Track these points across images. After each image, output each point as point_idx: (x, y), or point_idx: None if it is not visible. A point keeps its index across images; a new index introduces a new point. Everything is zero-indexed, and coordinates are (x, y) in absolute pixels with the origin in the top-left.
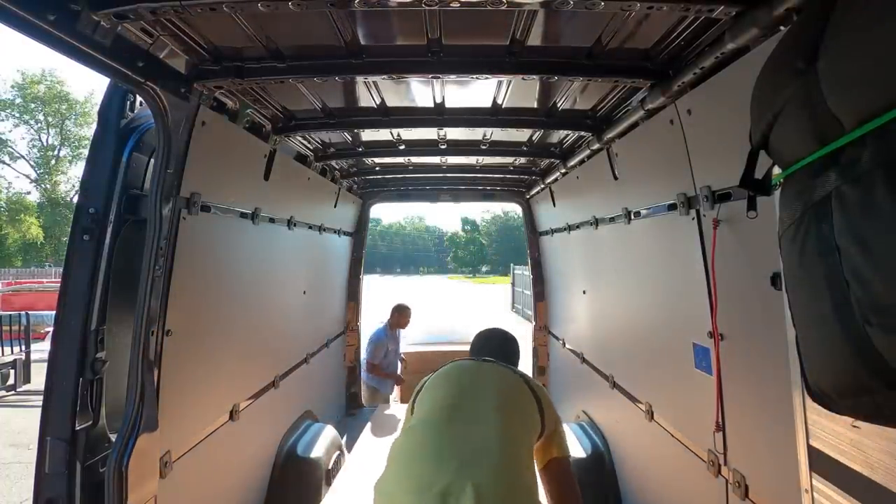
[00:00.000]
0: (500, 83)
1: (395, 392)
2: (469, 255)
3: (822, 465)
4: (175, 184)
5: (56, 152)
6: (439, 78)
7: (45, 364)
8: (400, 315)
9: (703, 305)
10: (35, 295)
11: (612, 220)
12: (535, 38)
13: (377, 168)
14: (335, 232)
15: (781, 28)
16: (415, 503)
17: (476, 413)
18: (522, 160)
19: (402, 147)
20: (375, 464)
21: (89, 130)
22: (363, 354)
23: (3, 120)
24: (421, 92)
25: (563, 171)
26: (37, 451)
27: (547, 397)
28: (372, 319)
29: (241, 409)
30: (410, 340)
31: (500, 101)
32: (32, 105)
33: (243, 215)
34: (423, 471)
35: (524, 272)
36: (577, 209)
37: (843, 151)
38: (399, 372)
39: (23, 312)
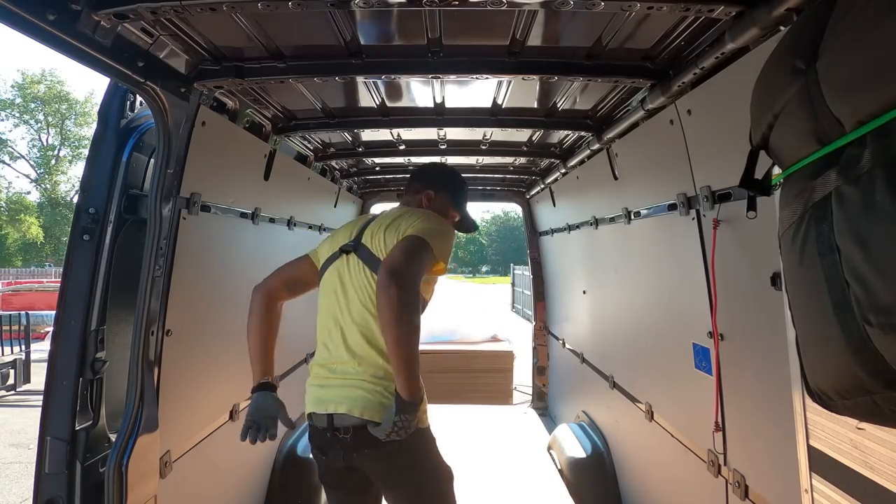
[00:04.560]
0: (500, 83)
1: None
2: (469, 255)
3: (822, 465)
4: (175, 184)
5: (56, 152)
6: (439, 78)
7: (45, 364)
8: None
9: (703, 305)
10: (35, 295)
11: (612, 220)
12: (535, 39)
13: (377, 168)
14: None
15: (781, 28)
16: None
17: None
18: (522, 160)
19: (402, 147)
20: None
21: (89, 130)
22: None
23: (3, 120)
24: (421, 92)
25: (563, 171)
26: (36, 451)
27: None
28: None
29: (241, 409)
30: None
31: (500, 102)
32: (32, 105)
33: (243, 215)
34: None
35: (524, 272)
36: (577, 209)
37: (843, 151)
38: None
39: (23, 312)
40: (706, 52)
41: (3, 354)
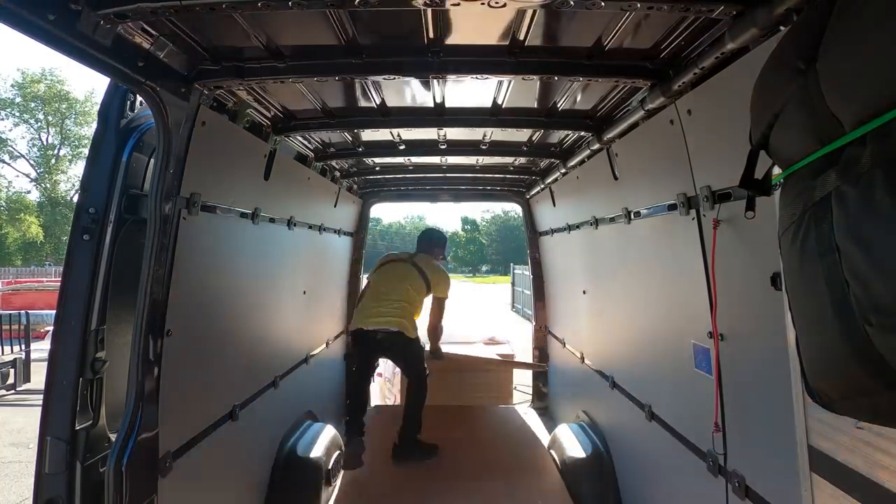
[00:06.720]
0: (500, 83)
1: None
2: (469, 255)
3: (822, 465)
4: (175, 184)
5: (56, 151)
6: (439, 78)
7: (45, 363)
8: None
9: (703, 305)
10: (35, 294)
11: (612, 220)
12: (535, 39)
13: (377, 168)
14: (335, 232)
15: (781, 28)
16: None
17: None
18: (522, 160)
19: (402, 147)
20: (375, 464)
21: (89, 129)
22: None
23: (3, 119)
24: (421, 92)
25: (563, 171)
26: (37, 451)
27: (434, 275)
28: None
29: (241, 409)
30: None
31: (500, 102)
32: (32, 104)
33: (243, 215)
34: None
35: (524, 272)
36: (577, 209)
37: (843, 151)
38: None
39: (23, 311)
40: (706, 52)
41: (2, 354)
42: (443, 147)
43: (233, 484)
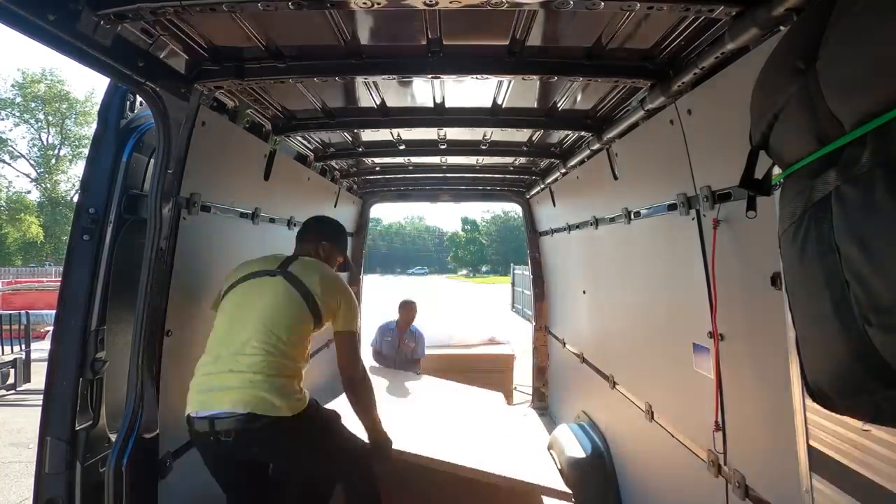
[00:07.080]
0: (500, 83)
1: None
2: (469, 255)
3: (822, 465)
4: (175, 184)
5: (56, 151)
6: (439, 78)
7: (45, 363)
8: (405, 310)
9: (703, 305)
10: (35, 294)
11: (612, 220)
12: (535, 38)
13: (377, 168)
14: None
15: (781, 28)
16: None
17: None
18: (522, 160)
19: (402, 147)
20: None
21: (89, 130)
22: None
23: (3, 119)
24: (421, 92)
25: (563, 171)
26: (37, 451)
27: (328, 293)
28: (372, 319)
29: None
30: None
31: (500, 102)
32: (33, 104)
33: (243, 215)
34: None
35: (524, 272)
36: (577, 209)
37: (843, 151)
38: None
39: (23, 311)
40: (706, 52)
41: (3, 354)
42: (443, 147)
43: None
